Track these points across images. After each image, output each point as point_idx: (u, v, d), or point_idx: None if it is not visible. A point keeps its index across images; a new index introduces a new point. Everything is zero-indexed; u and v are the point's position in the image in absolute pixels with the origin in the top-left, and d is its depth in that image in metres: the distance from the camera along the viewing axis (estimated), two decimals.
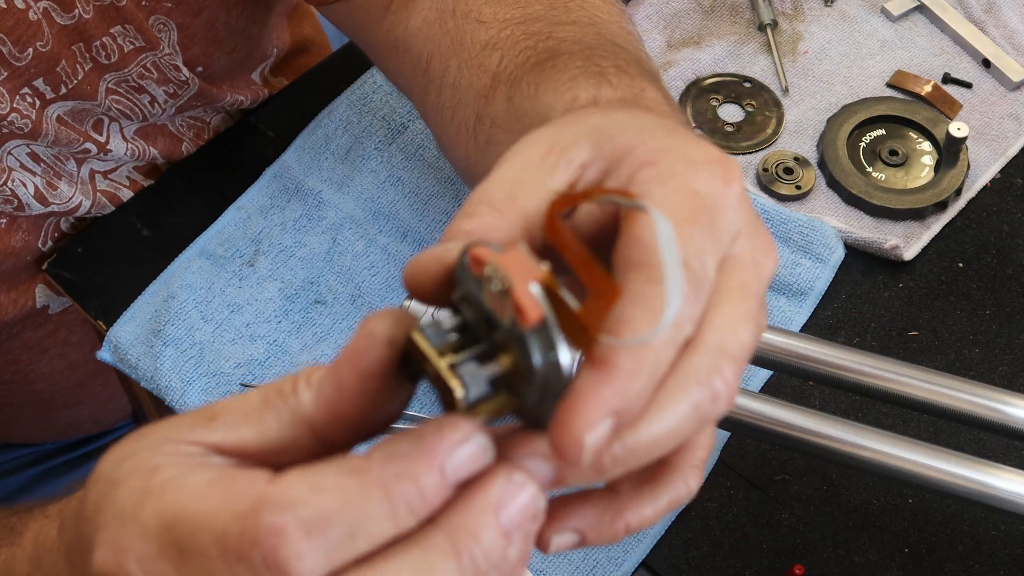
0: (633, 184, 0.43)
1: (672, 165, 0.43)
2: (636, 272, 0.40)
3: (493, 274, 0.38)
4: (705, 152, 0.45)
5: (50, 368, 1.04)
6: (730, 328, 0.42)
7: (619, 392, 0.38)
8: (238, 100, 1.01)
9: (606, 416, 0.38)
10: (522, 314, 0.37)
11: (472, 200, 0.43)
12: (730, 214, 0.43)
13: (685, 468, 0.45)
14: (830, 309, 0.90)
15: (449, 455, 0.37)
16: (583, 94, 0.59)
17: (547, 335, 0.38)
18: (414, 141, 0.97)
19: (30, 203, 0.90)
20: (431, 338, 0.39)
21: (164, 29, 0.89)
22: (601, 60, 0.63)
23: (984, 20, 1.05)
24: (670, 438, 0.41)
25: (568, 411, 0.38)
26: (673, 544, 0.79)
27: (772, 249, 0.45)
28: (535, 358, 0.38)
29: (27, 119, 0.85)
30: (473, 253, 0.39)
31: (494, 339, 0.39)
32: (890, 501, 0.80)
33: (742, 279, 0.43)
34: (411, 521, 0.37)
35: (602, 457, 0.40)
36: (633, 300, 0.40)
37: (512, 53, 0.69)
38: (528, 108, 0.64)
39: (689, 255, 0.41)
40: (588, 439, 0.38)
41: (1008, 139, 0.99)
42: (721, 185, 0.43)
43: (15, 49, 0.82)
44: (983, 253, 0.93)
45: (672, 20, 1.06)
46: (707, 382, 0.41)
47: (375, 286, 0.91)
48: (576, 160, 0.45)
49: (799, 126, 1.00)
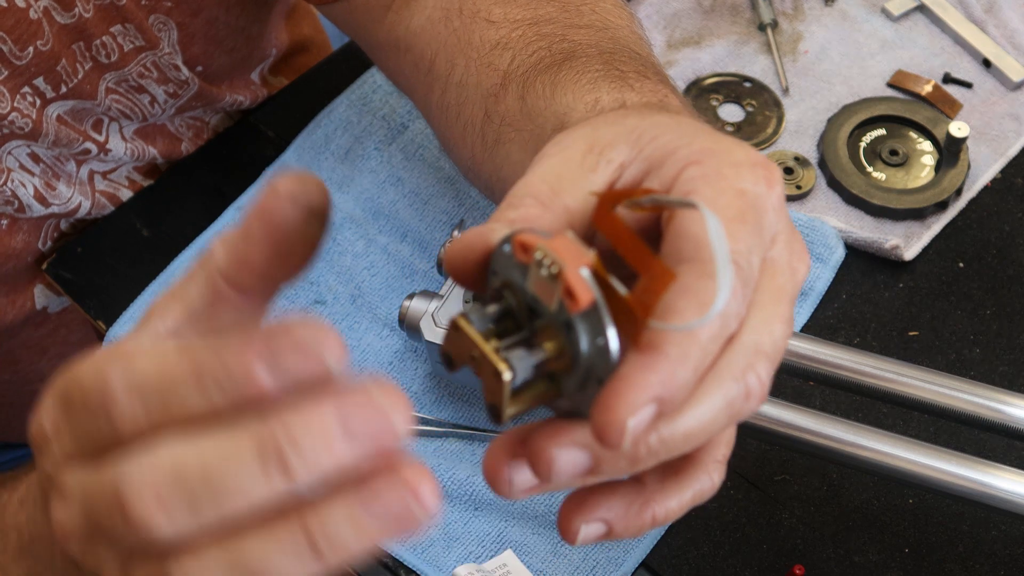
0: (679, 183, 0.44)
1: (719, 166, 0.44)
2: (687, 266, 0.41)
3: (543, 258, 0.38)
4: (749, 154, 0.46)
5: (50, 368, 1.04)
6: (767, 328, 0.43)
7: (664, 380, 0.39)
8: (237, 100, 1.01)
9: (650, 402, 0.39)
10: (573, 297, 0.37)
11: (516, 193, 0.44)
12: (772, 216, 0.44)
13: (708, 463, 0.46)
14: (830, 309, 0.90)
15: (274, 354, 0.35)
16: (606, 97, 0.59)
17: (597, 319, 0.38)
18: (414, 141, 0.97)
19: (31, 204, 0.90)
20: (475, 323, 0.39)
21: (164, 28, 0.89)
22: (621, 65, 0.63)
23: (984, 20, 1.05)
24: (704, 431, 0.42)
25: (613, 394, 0.38)
26: (673, 544, 0.79)
27: (805, 254, 0.46)
28: (583, 342, 0.38)
29: (27, 119, 0.85)
30: (520, 239, 0.39)
31: (536, 327, 0.39)
32: (890, 501, 0.80)
33: (780, 282, 0.44)
34: (220, 399, 0.35)
35: (638, 446, 0.40)
36: (683, 292, 0.41)
37: (524, 53, 0.69)
38: (542, 108, 0.64)
39: (738, 252, 0.42)
40: (631, 423, 0.38)
41: (1008, 139, 0.99)
42: (765, 187, 0.44)
43: (15, 48, 0.82)
44: (983, 253, 0.93)
45: (672, 20, 1.06)
46: (742, 378, 0.42)
47: (375, 286, 0.91)
48: (616, 160, 0.46)
49: (799, 126, 1.00)
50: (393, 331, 0.88)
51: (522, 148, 0.66)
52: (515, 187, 0.45)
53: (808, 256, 0.46)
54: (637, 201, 0.43)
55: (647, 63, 0.66)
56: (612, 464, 0.41)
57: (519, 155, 0.66)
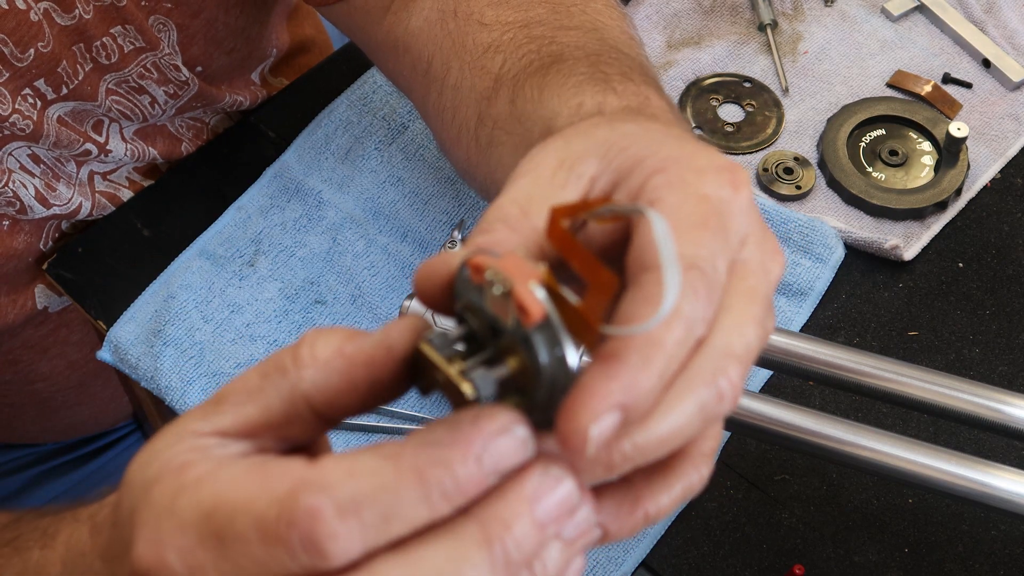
0: (644, 192, 0.45)
1: (682, 172, 0.45)
2: (645, 274, 0.42)
3: (494, 278, 0.39)
4: (714, 159, 0.46)
5: (50, 368, 1.04)
6: (737, 330, 0.43)
7: (626, 386, 0.39)
8: (237, 101, 1.01)
9: (612, 409, 0.39)
10: (525, 312, 0.38)
11: (487, 218, 0.45)
12: (739, 219, 0.44)
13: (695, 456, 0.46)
14: (830, 309, 0.90)
15: (486, 445, 0.38)
16: (588, 101, 0.60)
17: (551, 331, 0.39)
18: (414, 141, 0.97)
19: (32, 205, 0.90)
20: (439, 348, 0.40)
21: (164, 29, 0.89)
22: (606, 67, 0.64)
23: (984, 20, 1.05)
24: (677, 436, 0.42)
25: (574, 403, 0.39)
26: (673, 544, 0.79)
27: (779, 254, 0.46)
28: (541, 355, 0.39)
29: (28, 120, 0.85)
30: (472, 261, 0.40)
31: (499, 344, 0.40)
32: (890, 501, 0.80)
33: (750, 283, 0.44)
34: (445, 508, 0.37)
35: (612, 453, 0.41)
36: (642, 299, 0.41)
37: (515, 56, 0.70)
38: (531, 112, 0.64)
39: (701, 257, 0.42)
40: (593, 430, 0.38)
41: (1008, 139, 0.99)
42: (730, 191, 0.45)
43: (16, 50, 0.82)
44: (983, 253, 0.93)
45: (672, 20, 1.06)
46: (712, 382, 0.42)
47: (375, 286, 0.91)
48: (586, 174, 0.46)
49: (799, 126, 1.00)
50: None
51: (514, 151, 0.67)
52: (487, 210, 0.45)
53: (783, 255, 0.47)
54: (595, 212, 0.44)
55: (633, 63, 0.66)
56: (589, 471, 0.41)
57: (511, 158, 0.67)
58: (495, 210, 0.45)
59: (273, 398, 0.41)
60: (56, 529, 0.50)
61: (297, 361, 0.41)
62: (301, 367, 0.41)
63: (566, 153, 0.47)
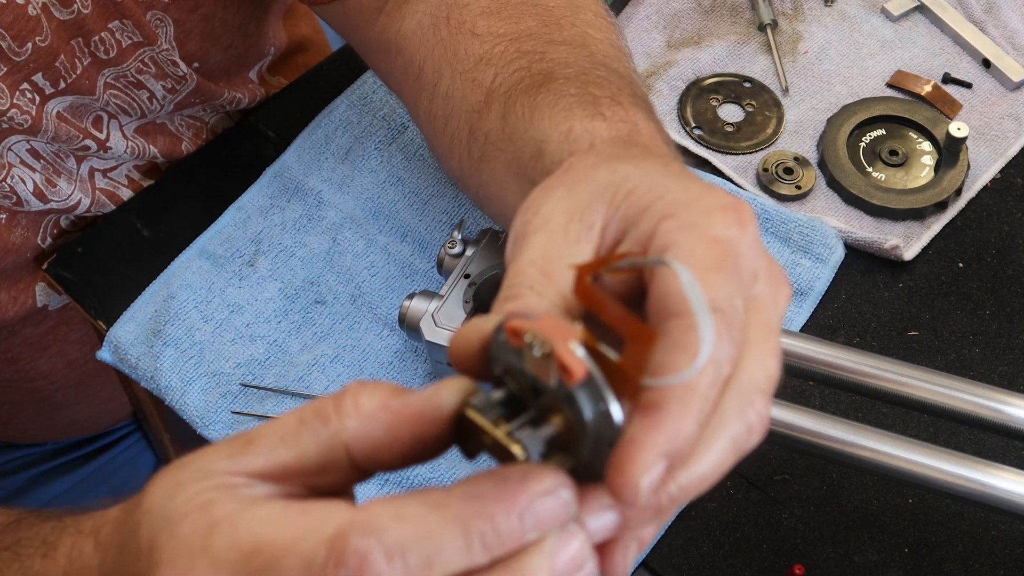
0: (656, 237, 0.46)
1: (691, 216, 0.46)
2: (675, 321, 0.43)
3: (533, 340, 0.40)
4: (719, 199, 0.47)
5: (50, 366, 1.04)
6: (759, 364, 0.45)
7: (671, 436, 0.41)
8: (236, 98, 1.01)
9: (659, 459, 0.41)
10: (568, 372, 0.39)
11: (511, 284, 0.46)
12: (749, 256, 0.46)
13: None
14: (830, 309, 0.90)
15: (531, 503, 0.39)
16: (577, 126, 0.61)
17: (595, 388, 0.40)
18: (414, 141, 0.97)
19: (29, 199, 0.90)
20: (483, 411, 0.41)
21: (161, 24, 0.89)
22: (595, 88, 0.65)
23: (984, 20, 1.05)
24: (716, 471, 0.44)
25: (624, 458, 0.40)
26: (673, 544, 0.79)
27: (785, 284, 0.48)
28: (586, 412, 0.40)
29: (27, 115, 0.86)
30: (509, 326, 0.41)
31: (541, 404, 0.41)
32: (890, 501, 0.80)
33: (764, 317, 0.46)
34: (484, 558, 0.39)
35: (659, 497, 0.43)
36: (673, 346, 0.42)
37: (506, 72, 0.71)
38: (522, 132, 0.66)
39: (720, 299, 0.44)
40: (644, 482, 0.40)
41: (1008, 139, 0.99)
42: (738, 230, 0.46)
43: (15, 44, 0.82)
44: (983, 253, 0.93)
45: (672, 20, 1.06)
46: (743, 416, 0.44)
47: (375, 286, 0.91)
48: (596, 224, 0.48)
49: (799, 126, 1.00)
50: (393, 331, 0.88)
51: (506, 168, 0.68)
52: (509, 275, 0.47)
53: (787, 282, 0.48)
54: (615, 266, 0.45)
55: (623, 81, 0.67)
56: (639, 518, 0.43)
57: (503, 174, 0.68)
58: (517, 276, 0.46)
59: (310, 444, 0.42)
60: (57, 538, 0.51)
61: (340, 410, 0.42)
62: (344, 416, 0.42)
63: (572, 203, 0.48)
